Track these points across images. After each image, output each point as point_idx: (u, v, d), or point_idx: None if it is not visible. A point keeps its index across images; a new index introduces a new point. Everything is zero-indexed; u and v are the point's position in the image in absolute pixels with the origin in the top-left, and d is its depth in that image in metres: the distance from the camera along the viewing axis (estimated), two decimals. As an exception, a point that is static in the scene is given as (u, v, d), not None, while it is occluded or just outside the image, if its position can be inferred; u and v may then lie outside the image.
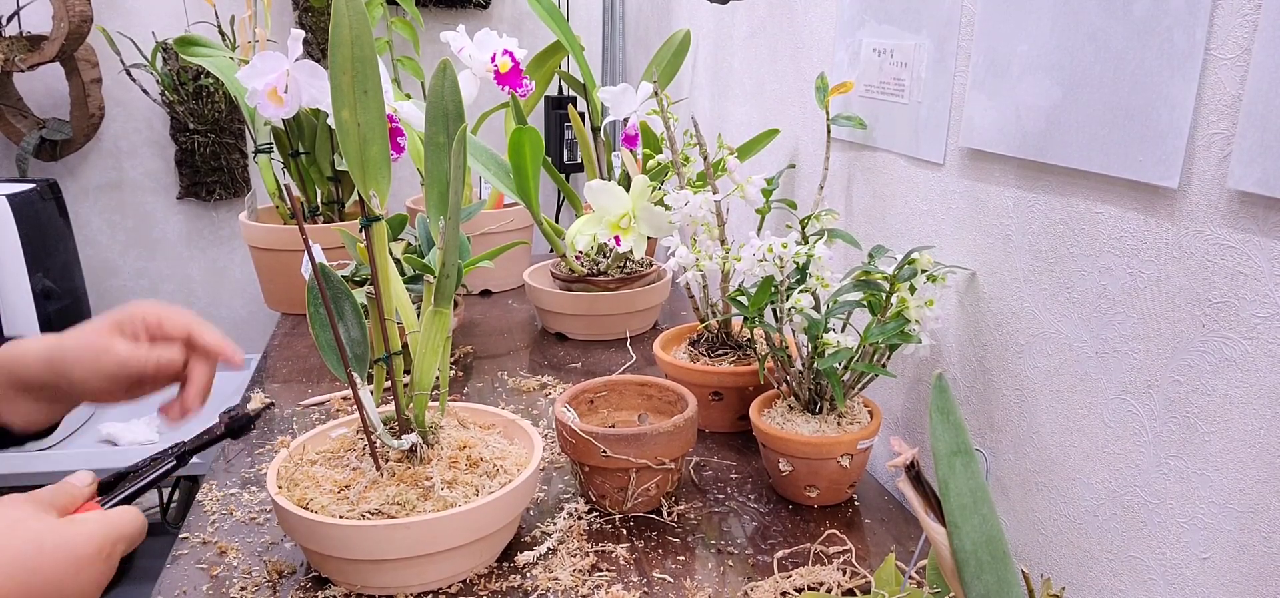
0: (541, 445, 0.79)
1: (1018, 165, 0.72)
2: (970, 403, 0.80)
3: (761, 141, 1.17)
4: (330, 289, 0.73)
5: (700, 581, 0.72)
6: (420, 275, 1.07)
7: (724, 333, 1.03)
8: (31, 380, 0.68)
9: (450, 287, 0.73)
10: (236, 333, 2.16)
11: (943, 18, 0.79)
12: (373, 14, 1.56)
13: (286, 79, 1.10)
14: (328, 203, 1.46)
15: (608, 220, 1.05)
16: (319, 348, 0.73)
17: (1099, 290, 0.64)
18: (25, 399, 0.69)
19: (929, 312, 0.77)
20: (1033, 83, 0.68)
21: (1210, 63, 0.54)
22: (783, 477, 0.84)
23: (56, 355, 0.67)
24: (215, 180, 2.02)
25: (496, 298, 1.53)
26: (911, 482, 0.43)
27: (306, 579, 0.73)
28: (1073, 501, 0.68)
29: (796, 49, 1.11)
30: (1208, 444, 0.56)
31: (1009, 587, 0.41)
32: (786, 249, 0.82)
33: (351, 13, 0.63)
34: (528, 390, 1.12)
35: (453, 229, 0.71)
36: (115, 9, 1.91)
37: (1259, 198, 0.51)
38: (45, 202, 1.65)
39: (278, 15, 1.97)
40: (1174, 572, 0.59)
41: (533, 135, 1.17)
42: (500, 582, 0.72)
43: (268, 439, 0.99)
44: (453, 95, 0.72)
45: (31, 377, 0.68)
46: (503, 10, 2.12)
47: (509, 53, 1.24)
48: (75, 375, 0.67)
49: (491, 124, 1.80)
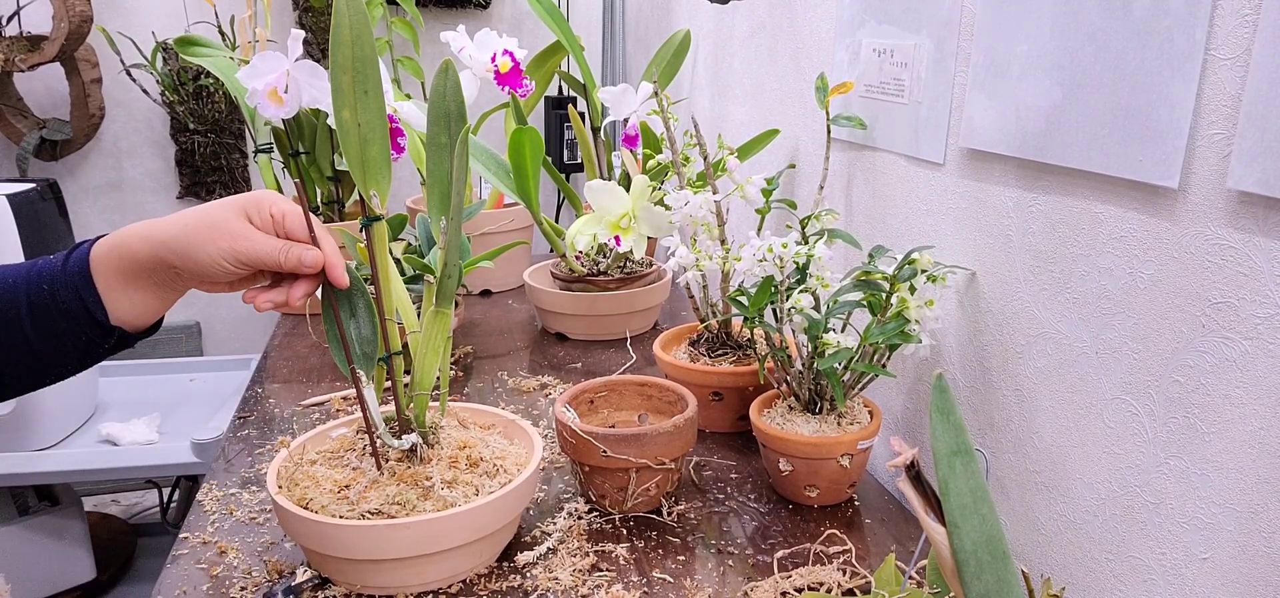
0: (541, 446, 0.79)
1: (1018, 165, 0.72)
2: (970, 403, 0.80)
3: (761, 142, 1.18)
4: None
5: (700, 581, 0.72)
6: (420, 275, 1.07)
7: (724, 333, 1.03)
8: (143, 265, 0.66)
9: (451, 287, 0.73)
10: (236, 333, 2.16)
11: (943, 18, 0.79)
12: (373, 14, 1.56)
13: (286, 79, 1.10)
14: (328, 203, 1.45)
15: (608, 220, 1.05)
16: (329, 343, 0.73)
17: (1099, 290, 0.64)
18: (137, 287, 0.67)
19: (929, 312, 0.77)
20: (1033, 83, 0.68)
21: (1210, 63, 0.54)
22: (783, 477, 0.84)
23: (175, 236, 0.65)
24: (215, 180, 2.02)
25: (496, 298, 1.53)
26: (911, 482, 0.43)
27: (307, 579, 0.73)
28: (1073, 501, 0.68)
29: (796, 49, 1.11)
30: (1208, 444, 0.56)
31: (1009, 587, 0.41)
32: (786, 249, 0.82)
33: (352, 12, 0.63)
34: (528, 390, 1.12)
35: (454, 230, 0.71)
36: (115, 9, 1.91)
37: (1259, 198, 0.51)
38: (45, 202, 1.65)
39: (278, 15, 1.97)
40: (1174, 572, 0.59)
41: (533, 135, 1.18)
42: (500, 582, 0.72)
43: (268, 439, 0.99)
44: (455, 95, 0.72)
45: (142, 261, 0.66)
46: (503, 10, 2.12)
47: (509, 53, 1.24)
48: (201, 257, 0.64)
49: (491, 124, 1.80)
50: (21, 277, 0.66)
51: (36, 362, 0.67)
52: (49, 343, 0.66)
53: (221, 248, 0.65)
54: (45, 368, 0.68)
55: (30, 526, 1.58)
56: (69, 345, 0.66)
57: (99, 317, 0.66)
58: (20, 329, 0.65)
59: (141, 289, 0.67)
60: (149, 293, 0.67)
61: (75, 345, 0.67)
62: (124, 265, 0.66)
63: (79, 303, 0.65)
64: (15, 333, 0.65)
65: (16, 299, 0.65)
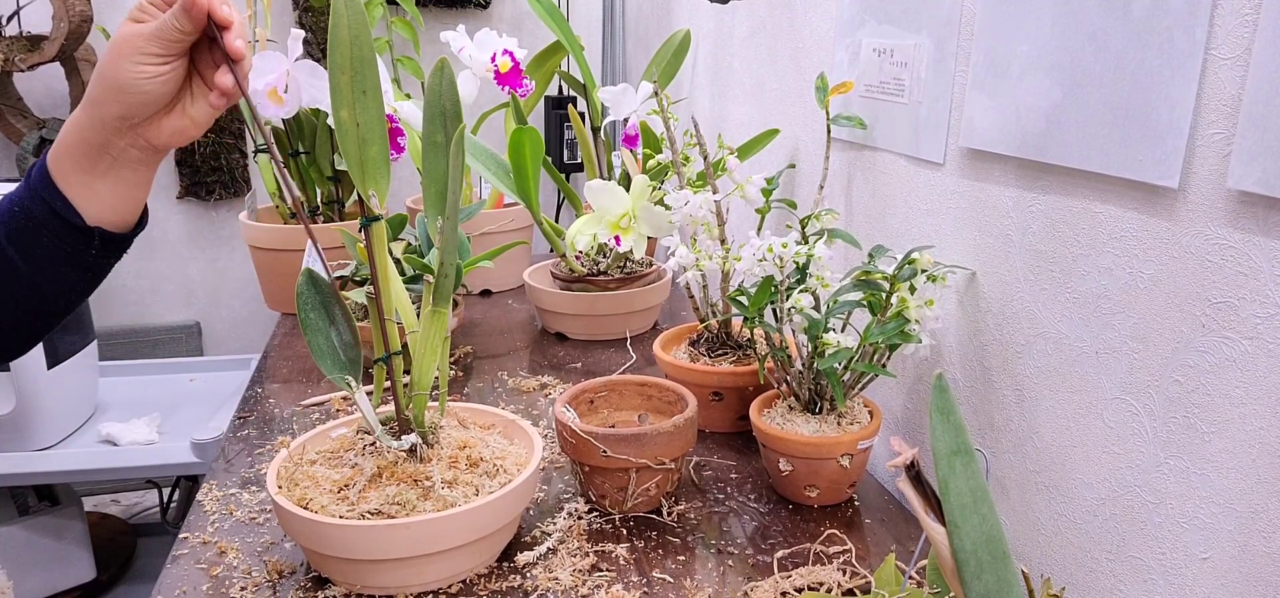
0: (541, 446, 0.79)
1: (1018, 165, 0.72)
2: (970, 403, 0.80)
3: (761, 141, 1.17)
4: (319, 294, 0.73)
5: (700, 581, 0.72)
6: (420, 275, 1.07)
7: (724, 333, 1.03)
8: (92, 142, 0.63)
9: (448, 286, 0.73)
10: (236, 333, 2.16)
11: (943, 18, 0.79)
12: (373, 14, 1.56)
13: (286, 79, 1.10)
14: (328, 203, 1.46)
15: (608, 220, 1.05)
16: (312, 352, 0.73)
17: (1099, 290, 0.64)
18: (98, 175, 0.64)
19: (929, 312, 0.77)
20: (1033, 83, 0.68)
21: (1210, 63, 0.54)
22: (783, 477, 0.84)
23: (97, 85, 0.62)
24: (215, 180, 2.02)
25: (496, 298, 1.53)
26: (911, 482, 0.43)
27: (306, 579, 0.73)
28: (1073, 501, 0.68)
29: (796, 49, 1.11)
30: (1208, 444, 0.56)
31: (1009, 587, 0.41)
32: (786, 249, 0.82)
33: (350, 12, 0.63)
34: (528, 390, 1.12)
35: (450, 229, 0.71)
36: (115, 9, 1.91)
37: (1259, 198, 0.51)
38: (45, 202, 1.65)
39: (278, 15, 1.97)
40: (1174, 572, 0.59)
41: (533, 135, 1.17)
42: (500, 582, 0.72)
43: (268, 439, 0.99)
44: (450, 94, 0.72)
45: (89, 137, 0.63)
46: (503, 10, 2.12)
47: (509, 53, 1.24)
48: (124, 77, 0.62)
49: (491, 124, 1.80)
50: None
51: (35, 292, 0.65)
52: (38, 266, 0.65)
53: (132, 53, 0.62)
54: (46, 297, 0.66)
55: (30, 526, 1.58)
56: (58, 262, 0.65)
57: (73, 220, 0.64)
58: (6, 258, 0.64)
59: (104, 177, 0.65)
60: (113, 179, 0.65)
61: (63, 260, 0.65)
62: (76, 151, 0.64)
63: (48, 210, 0.64)
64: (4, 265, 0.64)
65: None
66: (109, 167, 0.65)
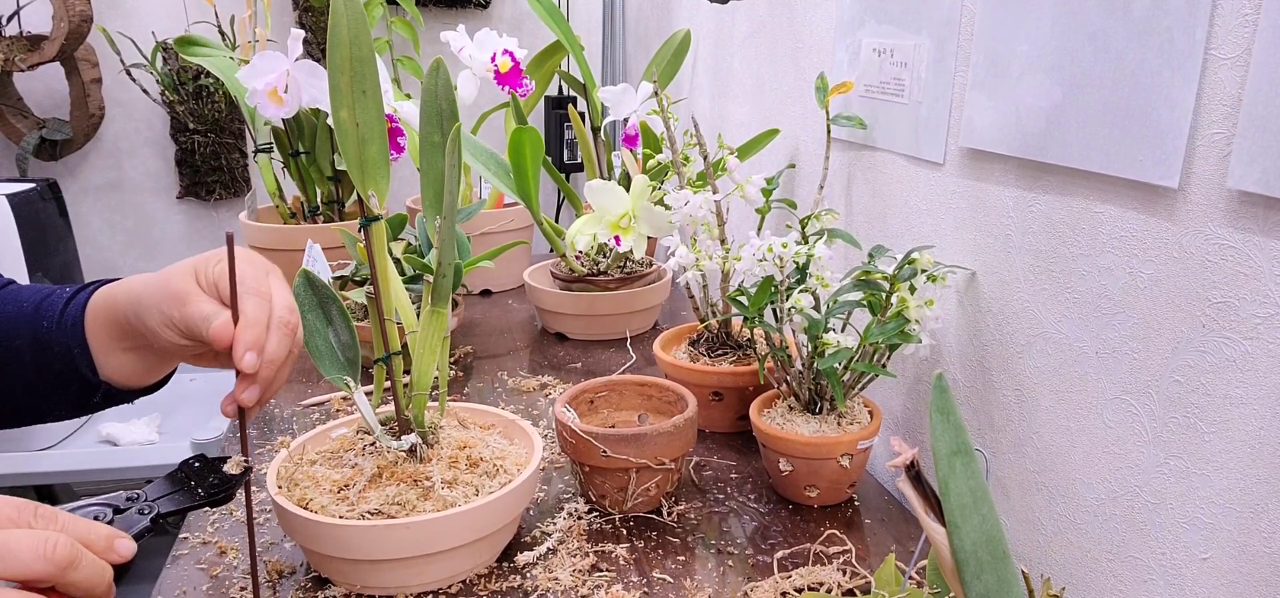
0: (541, 446, 0.79)
1: (1018, 165, 0.72)
2: (970, 403, 0.80)
3: (761, 141, 1.17)
4: (316, 295, 0.73)
5: (700, 581, 0.72)
6: (420, 275, 1.07)
7: (724, 333, 1.03)
8: (121, 324, 0.61)
9: (447, 286, 0.73)
10: (236, 333, 2.16)
11: (943, 18, 0.79)
12: (372, 14, 1.56)
13: (286, 79, 1.10)
14: (328, 203, 1.45)
15: (608, 220, 1.05)
16: (310, 353, 0.73)
17: (1099, 290, 0.64)
18: (123, 348, 0.62)
19: (929, 312, 0.77)
20: (1033, 83, 0.68)
21: (1210, 63, 0.54)
22: (783, 477, 0.84)
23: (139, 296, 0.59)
24: (215, 180, 2.02)
25: (496, 298, 1.53)
26: (911, 482, 0.43)
27: (306, 579, 0.73)
28: (1073, 501, 0.68)
29: (796, 49, 1.10)
30: (1208, 444, 0.56)
31: (1009, 587, 0.41)
32: (786, 249, 0.82)
33: (350, 12, 0.63)
34: (528, 390, 1.12)
35: (448, 228, 0.71)
36: (115, 9, 1.91)
37: (1259, 198, 0.51)
38: (45, 202, 1.65)
39: (278, 15, 1.97)
40: (1174, 572, 0.59)
41: (533, 135, 1.17)
42: (500, 582, 0.72)
43: (268, 439, 0.99)
44: (446, 94, 0.72)
45: (120, 321, 0.60)
46: (503, 10, 2.12)
47: (509, 53, 1.24)
48: (150, 321, 0.58)
49: (491, 124, 1.80)
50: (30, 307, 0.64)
51: (33, 394, 0.66)
52: (45, 381, 0.65)
53: (164, 313, 0.58)
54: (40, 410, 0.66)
55: (30, 526, 1.58)
56: (60, 391, 0.65)
57: (86, 372, 0.64)
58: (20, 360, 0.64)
59: (128, 351, 0.64)
60: (134, 356, 0.65)
61: (65, 394, 0.65)
62: (111, 321, 0.63)
63: (68, 356, 0.63)
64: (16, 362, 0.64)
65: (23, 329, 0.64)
66: (131, 347, 0.64)
